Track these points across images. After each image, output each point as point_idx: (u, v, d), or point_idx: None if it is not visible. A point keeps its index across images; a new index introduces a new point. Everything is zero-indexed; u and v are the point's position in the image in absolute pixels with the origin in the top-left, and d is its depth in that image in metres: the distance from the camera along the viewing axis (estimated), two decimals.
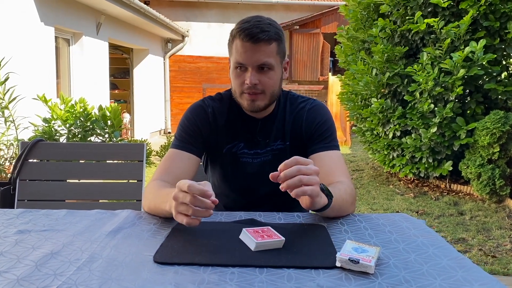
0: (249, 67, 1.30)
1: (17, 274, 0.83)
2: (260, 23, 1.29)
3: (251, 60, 1.29)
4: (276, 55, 1.32)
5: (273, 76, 1.33)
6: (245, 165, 1.44)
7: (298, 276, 0.83)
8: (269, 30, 1.28)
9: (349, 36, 5.81)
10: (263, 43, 1.28)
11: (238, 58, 1.30)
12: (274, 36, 1.30)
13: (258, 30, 1.27)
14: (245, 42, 1.28)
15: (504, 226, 3.92)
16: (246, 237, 0.98)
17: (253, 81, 1.29)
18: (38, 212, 1.22)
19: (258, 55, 1.28)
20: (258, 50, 1.28)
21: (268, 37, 1.28)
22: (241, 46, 1.28)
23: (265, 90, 1.33)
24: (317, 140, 1.40)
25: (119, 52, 10.06)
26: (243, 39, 1.28)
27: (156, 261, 0.89)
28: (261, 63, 1.29)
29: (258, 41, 1.27)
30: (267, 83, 1.32)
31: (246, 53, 1.28)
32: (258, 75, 1.30)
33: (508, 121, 4.39)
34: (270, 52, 1.30)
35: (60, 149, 2.01)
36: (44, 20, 5.67)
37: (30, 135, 3.98)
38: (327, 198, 1.10)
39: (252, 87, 1.30)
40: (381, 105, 5.23)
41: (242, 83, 1.32)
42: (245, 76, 1.31)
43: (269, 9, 11.93)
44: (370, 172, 6.34)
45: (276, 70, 1.34)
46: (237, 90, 1.35)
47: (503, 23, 4.59)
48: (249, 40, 1.27)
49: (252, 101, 1.33)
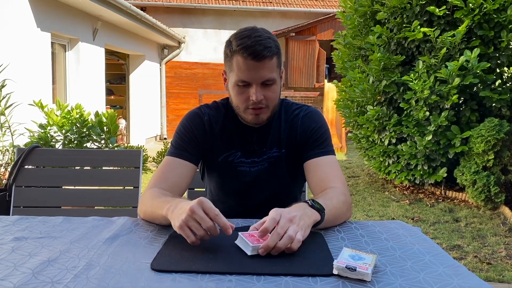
0: (253, 83, 1.30)
1: (14, 282, 0.82)
2: (261, 39, 1.27)
3: (255, 77, 1.29)
4: (276, 68, 1.33)
5: (276, 89, 1.34)
6: (242, 174, 1.44)
7: (295, 284, 0.83)
8: (271, 46, 1.28)
9: (346, 43, 5.85)
10: (266, 60, 1.28)
11: (241, 76, 1.29)
12: (275, 49, 1.30)
13: (262, 48, 1.26)
14: (248, 60, 1.27)
15: (499, 233, 3.93)
16: (242, 242, 0.98)
17: (259, 98, 1.30)
18: (35, 219, 1.21)
19: (262, 72, 1.28)
20: (262, 67, 1.28)
21: (270, 54, 1.28)
22: (244, 63, 1.28)
23: (269, 105, 1.34)
24: (312, 146, 1.41)
25: (115, 58, 10.06)
26: (246, 57, 1.26)
27: (153, 269, 0.89)
28: (266, 79, 1.30)
29: (263, 58, 1.27)
30: (271, 97, 1.33)
31: (250, 71, 1.28)
32: (263, 91, 1.31)
33: (502, 128, 4.42)
34: (272, 67, 1.31)
35: (56, 155, 2.01)
36: (40, 25, 5.67)
37: (26, 141, 3.96)
38: (319, 213, 1.10)
39: (258, 103, 1.31)
40: (377, 112, 5.25)
41: (246, 99, 1.32)
42: (249, 92, 1.31)
43: (266, 16, 11.99)
44: (365, 179, 6.35)
45: (278, 83, 1.35)
46: (240, 106, 1.35)
47: (497, 32, 4.64)
48: (253, 58, 1.26)
49: (257, 115, 1.34)
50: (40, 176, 1.93)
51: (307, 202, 1.10)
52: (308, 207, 1.09)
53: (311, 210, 1.09)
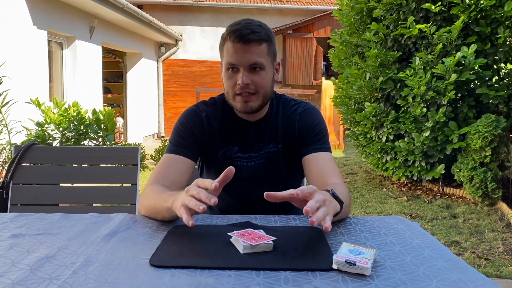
0: (240, 67, 1.31)
1: (12, 278, 0.82)
2: (250, 25, 1.31)
3: (242, 60, 1.30)
4: (266, 55, 1.33)
5: (265, 76, 1.34)
6: (240, 169, 1.44)
7: (294, 279, 0.83)
8: (259, 31, 1.30)
9: (343, 40, 5.85)
10: (253, 44, 1.29)
11: (229, 59, 1.31)
12: (265, 36, 1.32)
13: (249, 31, 1.29)
14: (236, 43, 1.29)
15: (497, 228, 3.94)
16: (235, 240, 0.99)
17: (245, 81, 1.30)
18: (32, 216, 1.21)
19: (249, 55, 1.29)
20: (248, 51, 1.29)
21: (258, 38, 1.30)
22: (232, 47, 1.30)
23: (258, 90, 1.33)
24: (310, 142, 1.41)
25: (112, 56, 10.03)
26: (233, 40, 1.29)
27: (152, 265, 0.88)
28: (253, 62, 1.30)
29: (249, 41, 1.29)
30: (260, 83, 1.33)
31: (237, 53, 1.30)
32: (250, 75, 1.31)
33: (499, 124, 4.43)
34: (260, 52, 1.31)
35: (54, 153, 2.00)
36: (36, 23, 5.64)
37: (23, 139, 3.95)
38: (340, 205, 1.09)
39: (245, 87, 1.31)
40: (375, 109, 5.25)
41: (234, 84, 1.33)
42: (237, 77, 1.32)
43: (263, 14, 11.96)
44: (363, 176, 6.36)
45: (268, 70, 1.35)
46: (230, 92, 1.36)
47: (494, 28, 4.65)
48: (240, 41, 1.28)
49: (245, 102, 1.34)
50: (37, 174, 1.92)
51: (328, 191, 1.08)
52: (331, 197, 1.07)
53: (334, 200, 1.07)
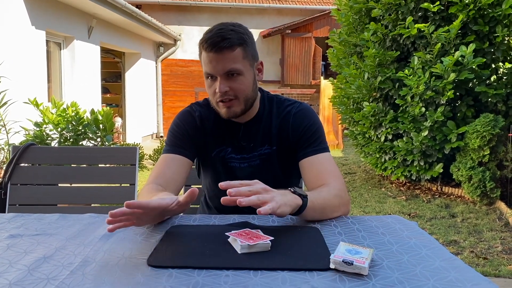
0: (217, 76, 1.31)
1: (9, 279, 0.82)
2: (222, 31, 1.28)
3: (217, 69, 1.30)
4: (242, 59, 1.32)
5: (243, 81, 1.33)
6: (234, 170, 1.45)
7: (292, 278, 0.83)
8: (230, 37, 1.28)
9: (341, 40, 5.85)
10: (226, 51, 1.28)
11: (205, 68, 1.32)
12: (237, 41, 1.30)
13: (219, 39, 1.27)
14: (208, 53, 1.29)
15: (495, 228, 3.95)
16: (233, 240, 0.99)
17: (222, 89, 1.30)
18: (30, 217, 1.21)
19: (222, 63, 1.29)
20: (222, 59, 1.28)
21: (230, 44, 1.28)
22: (206, 56, 1.30)
23: (237, 96, 1.33)
24: (306, 145, 1.40)
25: (111, 56, 10.02)
26: (206, 49, 1.29)
27: (150, 265, 0.88)
28: (227, 70, 1.29)
29: (221, 49, 1.27)
30: (238, 88, 1.32)
31: (212, 63, 1.29)
32: (228, 82, 1.31)
33: (497, 124, 4.44)
34: (234, 58, 1.30)
35: (52, 153, 2.00)
36: (35, 24, 5.64)
37: (21, 139, 3.95)
38: (301, 198, 1.10)
39: (224, 95, 1.31)
40: (373, 108, 5.26)
41: (214, 92, 1.33)
42: (216, 85, 1.32)
43: (261, 14, 11.97)
44: (362, 175, 6.37)
45: (246, 74, 1.33)
46: (212, 100, 1.37)
47: (492, 27, 4.65)
48: (212, 49, 1.28)
49: (228, 108, 1.34)
50: (35, 174, 1.91)
51: (288, 189, 1.12)
52: (289, 192, 1.10)
53: (292, 194, 1.10)
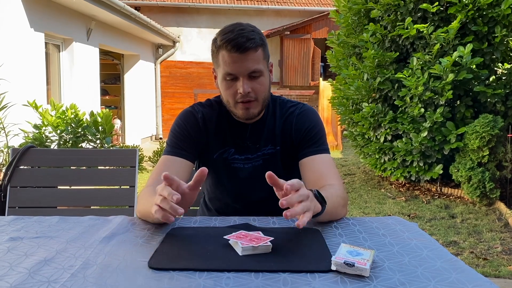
0: (240, 76, 1.30)
1: (10, 282, 0.82)
2: (244, 32, 1.29)
3: (241, 69, 1.29)
4: (263, 60, 1.34)
5: (264, 82, 1.34)
6: (237, 171, 1.44)
7: (293, 280, 0.83)
8: (254, 38, 1.29)
9: (340, 41, 5.85)
10: (251, 51, 1.29)
11: (227, 69, 1.30)
12: (260, 42, 1.31)
13: (244, 39, 1.27)
14: (233, 53, 1.28)
15: (495, 228, 3.95)
16: (234, 242, 0.99)
17: (247, 90, 1.30)
18: (30, 219, 1.20)
19: (247, 63, 1.29)
20: (246, 59, 1.29)
21: (254, 45, 1.29)
22: (229, 56, 1.29)
23: (257, 97, 1.34)
24: (308, 144, 1.41)
25: (110, 58, 10.02)
26: (230, 50, 1.28)
27: (151, 267, 0.88)
28: (251, 71, 1.30)
29: (246, 50, 1.28)
30: (259, 90, 1.33)
31: (236, 63, 1.29)
32: (250, 83, 1.31)
33: (497, 124, 4.44)
34: (258, 58, 1.31)
35: (51, 155, 1.99)
36: (34, 26, 5.63)
37: (20, 141, 3.94)
38: (321, 205, 1.10)
39: (246, 96, 1.31)
40: (372, 109, 5.26)
41: (234, 93, 1.33)
42: (237, 86, 1.31)
43: (260, 15, 11.98)
44: (361, 176, 6.37)
45: (265, 75, 1.35)
46: (230, 100, 1.35)
47: (491, 27, 4.66)
48: (237, 50, 1.27)
49: (247, 109, 1.34)
50: (35, 177, 1.91)
51: (311, 191, 1.09)
52: (313, 196, 1.08)
53: (315, 200, 1.08)
